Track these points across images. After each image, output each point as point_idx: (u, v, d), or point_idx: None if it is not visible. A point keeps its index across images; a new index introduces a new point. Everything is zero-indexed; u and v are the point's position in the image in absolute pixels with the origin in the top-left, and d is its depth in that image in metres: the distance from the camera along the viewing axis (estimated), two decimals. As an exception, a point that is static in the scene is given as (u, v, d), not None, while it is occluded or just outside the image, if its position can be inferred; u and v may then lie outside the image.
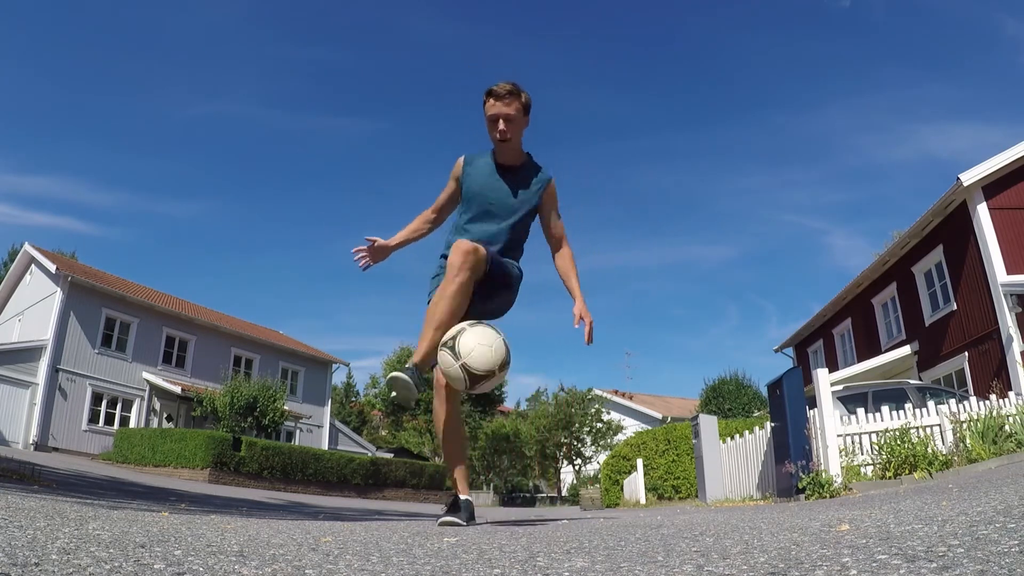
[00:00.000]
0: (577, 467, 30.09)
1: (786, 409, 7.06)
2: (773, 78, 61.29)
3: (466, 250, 2.51)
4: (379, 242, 2.91)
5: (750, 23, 56.75)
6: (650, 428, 16.08)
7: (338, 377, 38.14)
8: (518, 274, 2.88)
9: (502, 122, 2.73)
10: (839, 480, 6.12)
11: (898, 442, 6.17)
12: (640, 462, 13.32)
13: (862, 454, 6.85)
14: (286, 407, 22.50)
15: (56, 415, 19.52)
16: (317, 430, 27.71)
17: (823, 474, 6.18)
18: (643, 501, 12.61)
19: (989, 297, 12.20)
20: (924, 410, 7.04)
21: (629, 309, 68.03)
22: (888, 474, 6.06)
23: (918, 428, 6.70)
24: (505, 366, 2.41)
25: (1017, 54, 51.07)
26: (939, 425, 6.78)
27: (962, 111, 59.26)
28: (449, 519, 2.52)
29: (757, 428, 8.66)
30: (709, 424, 9.89)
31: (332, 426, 28.93)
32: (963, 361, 13.09)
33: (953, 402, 7.07)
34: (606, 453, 24.43)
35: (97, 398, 20.95)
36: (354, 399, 42.82)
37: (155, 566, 1.05)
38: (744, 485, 8.84)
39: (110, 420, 21.22)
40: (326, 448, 25.19)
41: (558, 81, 61.58)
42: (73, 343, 20.48)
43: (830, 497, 5.62)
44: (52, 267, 20.74)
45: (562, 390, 31.00)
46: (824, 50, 58.57)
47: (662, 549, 1.43)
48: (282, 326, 48.03)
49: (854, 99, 57.07)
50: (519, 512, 10.41)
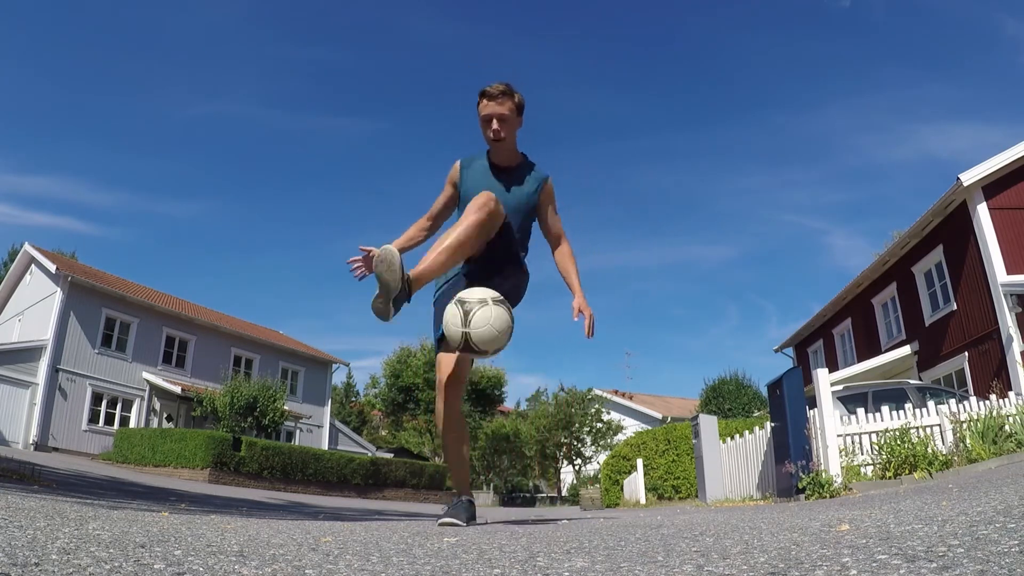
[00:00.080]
0: (577, 467, 30.09)
1: (786, 409, 7.06)
2: (773, 78, 61.35)
3: (488, 195, 2.57)
4: (374, 251, 2.90)
5: (750, 23, 56.80)
6: (650, 428, 16.08)
7: (338, 377, 38.22)
8: (525, 267, 2.89)
9: (495, 122, 2.74)
10: (839, 480, 6.13)
11: (898, 442, 6.17)
12: (640, 462, 13.32)
13: (862, 454, 6.86)
14: (286, 407, 22.49)
15: (56, 415, 19.52)
16: (317, 430, 27.71)
17: (823, 474, 6.18)
18: (643, 501, 12.61)
19: (989, 297, 12.20)
20: (924, 410, 7.04)
21: (629, 309, 68.06)
22: (888, 474, 6.07)
23: (918, 428, 6.71)
24: (498, 351, 2.46)
25: (1017, 54, 51.10)
26: (939, 425, 6.78)
27: (962, 111, 59.32)
28: (449, 519, 2.52)
29: (757, 428, 8.66)
30: (709, 424, 9.90)
31: (332, 426, 28.93)
32: (963, 361, 13.09)
33: (953, 402, 7.07)
34: (606, 453, 24.43)
35: (97, 398, 20.95)
36: (354, 399, 42.83)
37: (155, 566, 1.05)
38: (744, 485, 8.84)
39: (110, 420, 21.22)
40: (326, 448, 25.19)
41: (558, 81, 61.66)
42: (73, 343, 20.48)
43: (830, 497, 5.62)
44: (52, 267, 20.74)
45: (562, 390, 31.01)
46: (824, 50, 58.62)
47: (662, 549, 1.43)
48: (282, 326, 48.11)
49: (854, 99, 57.13)
50: (519, 512, 10.41)
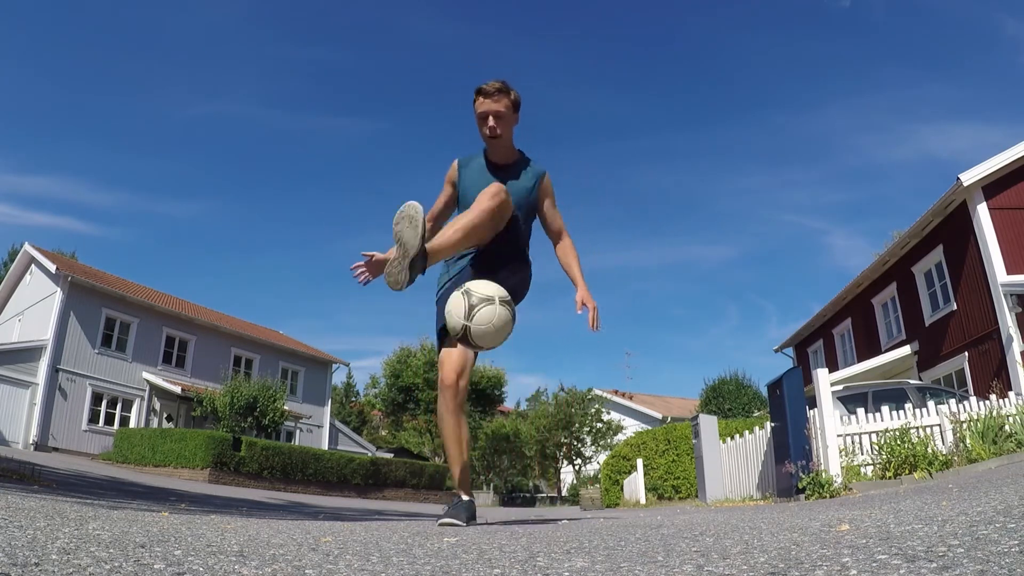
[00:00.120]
0: (577, 467, 30.09)
1: (786, 409, 7.06)
2: (773, 78, 61.33)
3: (500, 186, 2.63)
4: (377, 256, 2.91)
5: (750, 23, 56.78)
6: (650, 428, 16.08)
7: (338, 377, 38.23)
8: (529, 262, 2.93)
9: (492, 119, 2.75)
10: (839, 480, 6.13)
11: (898, 442, 6.17)
12: (640, 462, 13.32)
13: (862, 454, 6.85)
14: (286, 407, 22.49)
15: (56, 415, 19.52)
16: (317, 430, 27.71)
17: (823, 474, 6.18)
18: (643, 501, 12.61)
19: (989, 297, 12.20)
20: (924, 410, 7.04)
21: (629, 309, 67.93)
22: (888, 474, 6.07)
23: (918, 428, 6.71)
24: (490, 349, 2.54)
25: (1017, 54, 51.11)
26: (939, 425, 6.78)
27: (962, 111, 59.32)
28: (449, 519, 2.52)
29: (757, 428, 8.66)
30: (709, 424, 9.90)
31: (332, 426, 28.93)
32: (963, 361, 13.09)
33: (953, 402, 7.07)
34: (606, 453, 24.43)
35: (97, 398, 20.96)
36: (354, 399, 42.83)
37: (155, 566, 1.05)
38: (744, 485, 8.84)
39: (110, 420, 21.22)
40: (326, 448, 25.19)
41: (558, 81, 61.65)
42: (73, 343, 20.48)
43: (830, 497, 5.62)
44: (52, 267, 20.74)
45: (562, 390, 31.01)
46: (824, 50, 58.61)
47: (662, 549, 1.43)
48: (282, 326, 48.08)
49: (854, 99, 57.11)
50: (519, 512, 10.41)
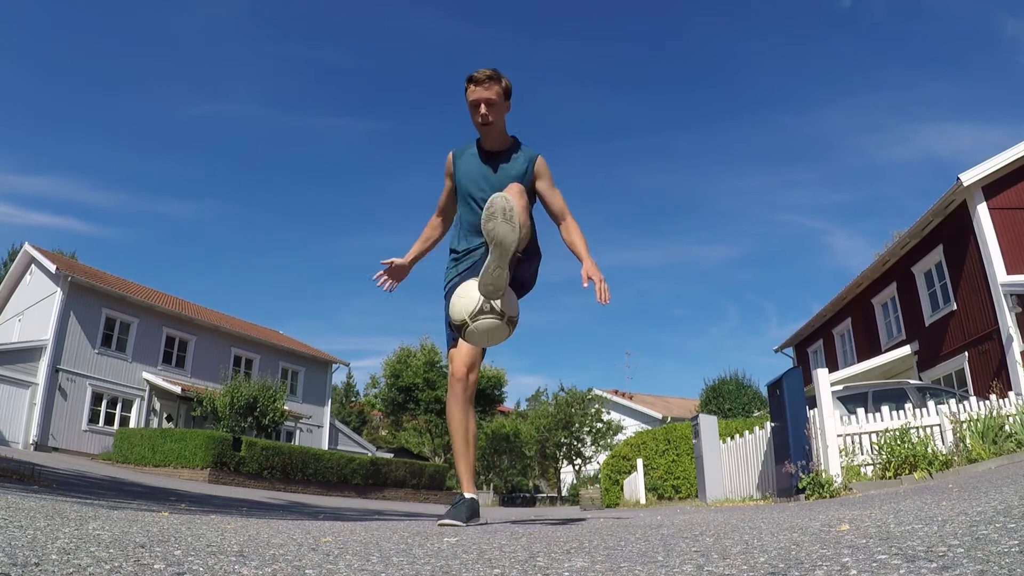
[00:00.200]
0: (577, 467, 30.09)
1: (786, 409, 7.06)
2: (773, 78, 61.29)
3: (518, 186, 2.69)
4: (396, 262, 2.94)
5: (750, 23, 56.78)
6: (650, 428, 16.07)
7: (338, 377, 38.25)
8: (539, 251, 2.95)
9: (483, 106, 2.76)
10: (839, 480, 6.12)
11: (898, 442, 6.17)
12: (640, 462, 13.32)
13: (862, 454, 6.85)
14: (286, 407, 22.48)
15: (56, 415, 19.52)
16: (317, 430, 27.70)
17: (823, 474, 6.18)
18: (643, 501, 12.61)
19: (989, 297, 12.20)
20: (924, 410, 7.04)
21: (629, 309, 68.01)
22: (888, 474, 6.06)
23: (918, 428, 6.70)
24: (479, 345, 2.68)
25: (1017, 54, 51.09)
26: (939, 425, 6.78)
27: (962, 111, 59.29)
28: (449, 519, 2.52)
29: (757, 428, 8.66)
30: (709, 424, 9.89)
31: (332, 426, 28.92)
32: (963, 361, 13.09)
33: (953, 402, 7.06)
34: (606, 453, 24.44)
35: (97, 398, 20.95)
36: (354, 399, 42.80)
37: (155, 566, 1.05)
38: (744, 485, 8.84)
39: (110, 420, 21.22)
40: (326, 448, 25.19)
41: (558, 81, 61.63)
42: (73, 343, 20.48)
43: (830, 497, 5.62)
44: (52, 267, 20.73)
45: (562, 390, 31.02)
46: (824, 50, 58.57)
47: (662, 549, 1.43)
48: (282, 326, 48.11)
49: (854, 99, 57.10)
50: (519, 512, 10.41)
